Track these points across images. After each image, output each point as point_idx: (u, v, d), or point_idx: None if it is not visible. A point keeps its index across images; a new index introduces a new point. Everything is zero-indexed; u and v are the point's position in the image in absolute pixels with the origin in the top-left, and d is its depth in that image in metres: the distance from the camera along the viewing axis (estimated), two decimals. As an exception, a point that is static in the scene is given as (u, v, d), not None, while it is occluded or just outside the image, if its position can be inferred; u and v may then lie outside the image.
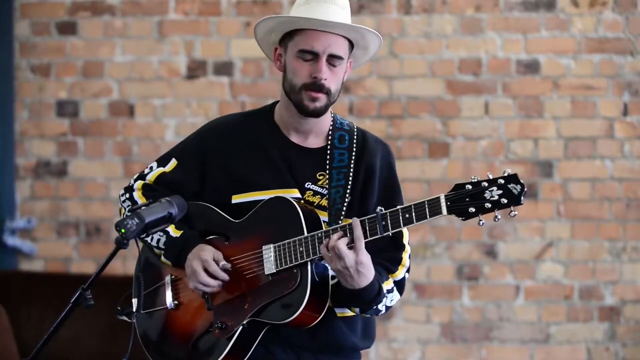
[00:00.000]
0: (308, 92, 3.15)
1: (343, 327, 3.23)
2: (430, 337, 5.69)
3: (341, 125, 3.31)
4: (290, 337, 3.18)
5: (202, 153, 3.29)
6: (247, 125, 3.31)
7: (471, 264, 5.68)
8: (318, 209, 3.19)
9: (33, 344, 3.02)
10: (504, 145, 5.68)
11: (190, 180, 3.29)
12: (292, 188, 3.21)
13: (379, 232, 3.03)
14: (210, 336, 3.17)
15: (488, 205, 2.94)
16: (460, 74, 5.70)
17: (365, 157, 3.26)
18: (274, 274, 3.12)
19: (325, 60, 3.16)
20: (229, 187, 3.23)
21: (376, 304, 3.18)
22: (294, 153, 3.25)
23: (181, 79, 5.81)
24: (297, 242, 3.09)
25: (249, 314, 3.12)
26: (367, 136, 3.33)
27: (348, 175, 3.23)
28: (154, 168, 3.35)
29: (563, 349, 5.65)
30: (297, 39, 3.18)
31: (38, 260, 5.86)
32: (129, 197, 3.34)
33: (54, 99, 5.87)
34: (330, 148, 3.26)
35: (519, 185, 2.92)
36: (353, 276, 3.05)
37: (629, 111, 5.65)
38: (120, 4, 5.83)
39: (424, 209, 3.00)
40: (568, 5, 5.66)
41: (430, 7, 5.70)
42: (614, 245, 5.64)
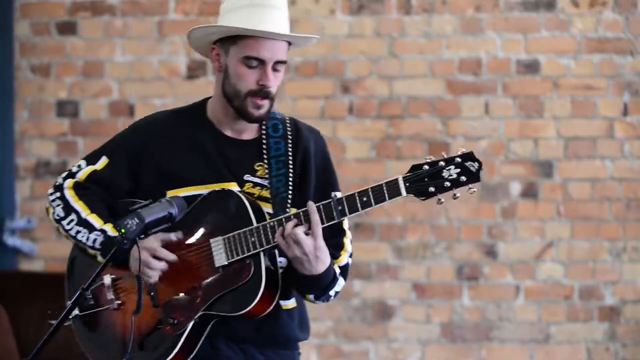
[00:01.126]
0: (254, 99, 3.13)
1: (287, 319, 3.22)
2: (430, 337, 5.69)
3: (273, 114, 3.28)
4: (237, 331, 3.16)
5: (135, 150, 3.24)
6: (180, 121, 3.28)
7: (471, 264, 5.68)
8: (259, 200, 3.17)
9: (33, 344, 3.01)
10: (504, 145, 5.68)
11: (122, 177, 3.24)
12: (230, 181, 3.18)
13: (336, 217, 3.03)
14: (159, 333, 3.13)
15: (447, 184, 2.98)
16: (460, 74, 5.70)
17: (301, 144, 3.25)
18: (224, 266, 3.10)
19: (271, 67, 3.13)
20: (164, 182, 3.18)
21: (331, 288, 3.17)
22: (229, 146, 3.21)
23: (181, 79, 5.81)
24: (248, 232, 3.07)
25: (201, 308, 3.10)
26: (300, 124, 3.31)
27: (287, 163, 3.21)
28: (82, 166, 3.28)
29: (563, 349, 5.65)
30: (241, 44, 3.14)
31: (38, 260, 5.86)
32: (60, 197, 3.28)
33: (54, 99, 5.87)
34: (265, 138, 3.23)
35: (476, 162, 2.97)
36: (311, 262, 3.05)
37: (629, 111, 5.65)
38: (120, 4, 5.83)
39: (382, 191, 3.01)
40: (568, 5, 5.66)
41: (430, 7, 5.70)
42: (614, 245, 5.64)
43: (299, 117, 5.78)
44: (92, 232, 3.20)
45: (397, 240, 5.70)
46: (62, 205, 3.28)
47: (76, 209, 3.25)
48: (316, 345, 5.69)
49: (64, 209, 3.27)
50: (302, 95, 5.74)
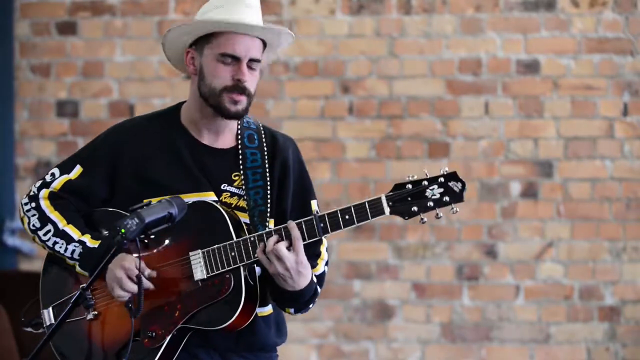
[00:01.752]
0: (230, 95, 3.12)
1: (263, 326, 3.21)
2: (430, 337, 5.69)
3: (248, 124, 3.27)
4: (215, 341, 3.15)
5: (110, 157, 3.20)
6: (155, 127, 3.25)
7: (471, 264, 5.68)
8: (236, 210, 3.16)
9: (33, 344, 3.01)
10: (504, 145, 5.68)
11: (98, 186, 3.20)
12: (207, 191, 3.16)
13: (318, 234, 3.02)
14: (137, 346, 3.09)
15: (430, 204, 2.97)
16: (460, 74, 5.70)
17: (278, 155, 3.24)
18: (204, 280, 3.08)
19: (246, 63, 3.13)
20: (140, 191, 3.15)
21: (312, 302, 3.18)
22: (205, 155, 3.19)
23: (181, 79, 5.81)
24: (228, 246, 3.06)
25: (180, 322, 3.08)
26: (275, 134, 3.30)
27: (265, 175, 3.20)
28: (56, 175, 3.23)
29: (563, 349, 5.65)
30: (215, 43, 3.13)
31: (38, 260, 5.86)
32: (35, 207, 3.22)
33: (54, 99, 5.87)
34: (241, 148, 3.22)
35: (460, 182, 2.96)
36: (293, 277, 3.04)
37: (629, 111, 5.65)
38: (120, 4, 5.83)
39: (364, 210, 2.99)
40: (568, 5, 5.66)
41: (430, 7, 5.70)
42: (614, 245, 5.64)
43: (299, 117, 5.81)
44: (70, 243, 3.17)
45: (397, 240, 5.70)
46: (37, 216, 3.22)
47: (52, 219, 3.21)
48: (316, 345, 5.69)
49: (40, 220, 3.22)
50: (302, 95, 5.74)
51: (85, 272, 3.16)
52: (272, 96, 5.74)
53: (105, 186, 3.21)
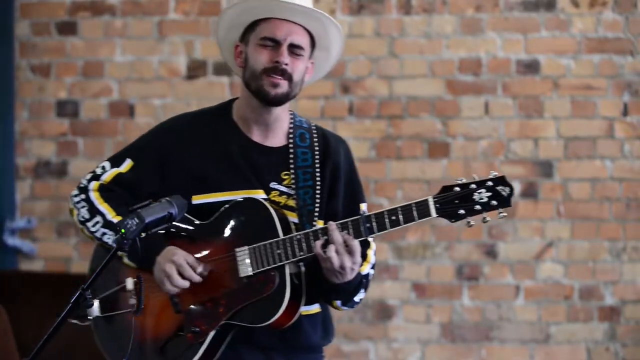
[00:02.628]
0: (269, 77, 3.12)
1: (308, 326, 3.21)
2: (430, 337, 5.69)
3: (300, 123, 3.28)
4: (260, 339, 3.16)
5: (160, 152, 3.22)
6: (206, 124, 3.26)
7: (471, 264, 5.68)
8: (284, 209, 3.16)
9: (33, 344, 3.01)
10: (504, 145, 5.68)
11: (148, 180, 3.22)
12: (256, 189, 3.17)
13: (364, 234, 3.03)
14: (180, 340, 3.12)
15: (478, 207, 2.96)
16: (460, 74, 5.70)
17: (330, 156, 3.24)
18: (249, 277, 3.09)
19: (287, 47, 3.13)
20: (189, 187, 3.17)
21: (357, 294, 3.17)
22: (255, 152, 3.20)
23: (181, 79, 5.81)
24: (275, 244, 3.06)
25: (224, 317, 3.09)
26: (327, 134, 3.31)
27: (315, 175, 3.20)
28: (107, 168, 3.27)
29: (563, 349, 5.65)
30: (258, 30, 3.16)
31: (38, 260, 5.86)
32: (84, 198, 3.25)
33: (54, 99, 5.87)
34: (292, 147, 3.23)
35: (508, 187, 2.95)
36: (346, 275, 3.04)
37: (629, 111, 5.65)
38: (120, 4, 5.83)
39: (411, 211, 3.00)
40: (568, 5, 5.66)
41: (430, 7, 5.70)
42: (614, 245, 5.64)
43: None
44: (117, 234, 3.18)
45: (397, 240, 5.70)
46: (87, 207, 3.25)
47: (101, 211, 3.23)
48: (316, 345, 5.69)
49: (89, 211, 3.24)
50: (302, 95, 5.68)
51: (132, 264, 3.19)
52: (272, 96, 5.75)
53: (155, 181, 3.22)
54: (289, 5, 3.13)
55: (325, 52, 3.27)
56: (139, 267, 3.18)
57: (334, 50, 3.27)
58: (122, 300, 3.21)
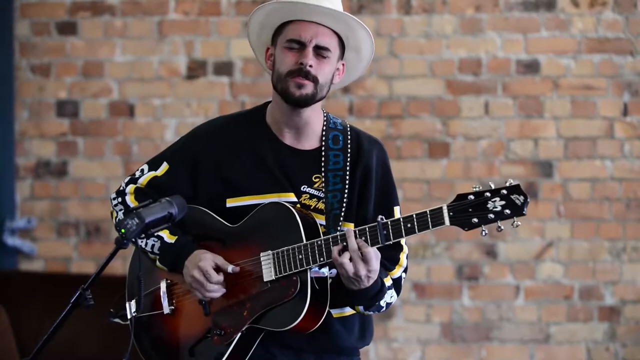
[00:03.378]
0: (294, 79, 3.12)
1: (340, 328, 3.21)
2: (430, 337, 5.69)
3: (334, 125, 3.28)
4: (290, 340, 3.17)
5: (194, 157, 3.25)
6: (239, 127, 3.27)
7: (471, 264, 5.68)
8: (315, 212, 3.17)
9: (33, 344, 3.01)
10: (504, 145, 5.68)
11: (182, 184, 3.24)
12: (288, 192, 3.18)
13: (380, 241, 3.01)
14: (208, 342, 3.15)
15: (491, 216, 2.94)
16: (460, 74, 5.70)
17: (362, 159, 3.23)
18: (272, 281, 3.10)
19: (312, 49, 3.13)
20: (223, 191, 3.19)
21: (379, 300, 3.15)
22: (287, 155, 3.21)
23: (181, 79, 5.81)
24: (297, 249, 3.07)
25: (248, 321, 3.11)
26: (361, 136, 3.30)
27: (345, 179, 3.20)
28: (145, 171, 3.30)
29: (563, 349, 5.65)
30: (285, 32, 3.16)
31: (38, 260, 5.86)
32: (121, 202, 3.30)
33: (54, 99, 5.87)
34: (324, 150, 3.23)
35: (522, 195, 2.92)
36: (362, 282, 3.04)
37: (629, 111, 5.65)
38: (120, 4, 5.83)
39: (426, 218, 2.98)
40: (568, 5, 5.66)
41: (430, 7, 5.70)
42: (614, 245, 5.64)
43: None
44: (149, 237, 3.20)
45: (397, 240, 5.70)
46: (123, 210, 3.28)
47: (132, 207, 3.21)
48: (316, 345, 5.69)
49: (125, 214, 3.24)
50: (302, 95, 5.74)
51: (164, 267, 3.23)
52: (272, 96, 5.74)
53: (188, 184, 3.24)
54: (314, 8, 3.13)
55: (355, 53, 3.26)
56: (170, 270, 3.22)
57: (365, 51, 3.27)
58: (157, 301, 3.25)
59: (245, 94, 5.77)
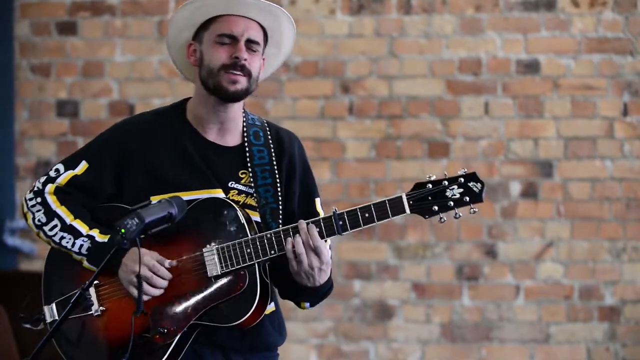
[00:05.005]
0: (228, 74, 3.12)
1: (268, 324, 3.22)
2: (430, 337, 5.69)
3: (252, 121, 3.28)
4: (221, 339, 3.15)
5: (117, 153, 3.20)
6: (161, 124, 3.25)
7: (471, 264, 5.68)
8: (244, 207, 3.16)
9: (33, 344, 3.01)
10: (504, 145, 5.68)
11: (104, 182, 3.20)
12: (215, 188, 3.16)
13: (337, 232, 3.03)
14: (145, 342, 3.09)
15: (450, 204, 3.00)
16: (460, 74, 5.70)
17: (285, 153, 3.25)
18: (217, 276, 3.08)
19: (244, 43, 3.13)
20: (148, 187, 3.15)
21: (327, 295, 3.19)
22: (211, 152, 3.20)
23: (181, 79, 5.80)
24: (244, 243, 3.06)
25: (192, 318, 3.07)
26: (280, 131, 3.31)
27: (274, 173, 3.20)
28: (61, 171, 3.23)
29: (563, 349, 5.65)
30: (213, 27, 3.15)
31: (38, 260, 5.86)
32: (40, 202, 3.21)
33: (54, 99, 5.87)
34: (247, 145, 3.22)
35: (479, 183, 2.99)
36: (315, 276, 3.05)
37: (629, 111, 5.65)
38: (120, 4, 5.83)
39: (385, 208, 3.01)
40: (568, 5, 5.66)
41: (430, 7, 5.70)
42: (614, 245, 5.64)
43: (299, 117, 5.81)
44: (77, 237, 3.16)
45: (397, 240, 5.70)
46: (43, 211, 3.21)
47: (59, 214, 3.20)
48: (316, 345, 5.69)
49: (46, 214, 3.21)
50: (302, 95, 5.74)
51: (94, 267, 3.15)
52: (272, 96, 5.74)
53: (112, 182, 3.20)
54: (244, 1, 3.13)
55: (276, 49, 3.28)
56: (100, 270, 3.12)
57: (286, 46, 3.29)
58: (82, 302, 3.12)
59: (245, 94, 5.77)
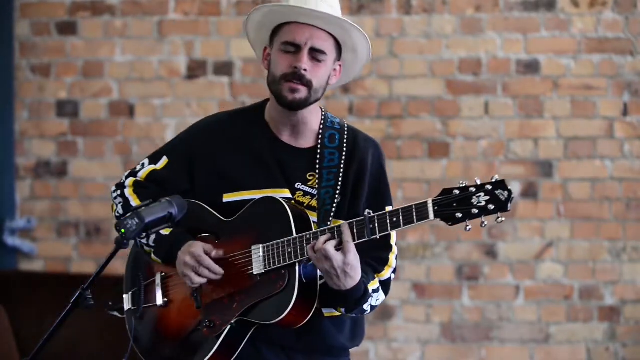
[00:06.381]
0: (288, 83, 3.14)
1: (331, 327, 3.22)
2: (430, 337, 5.69)
3: (332, 124, 3.30)
4: (279, 338, 3.18)
5: (192, 152, 3.28)
6: (238, 124, 3.30)
7: (471, 264, 5.68)
8: (308, 209, 3.19)
9: (33, 344, 3.02)
10: (504, 145, 5.68)
11: (180, 178, 3.27)
12: (282, 188, 3.20)
13: (367, 235, 3.02)
14: (199, 334, 3.17)
15: (475, 211, 2.98)
16: (460, 74, 5.70)
17: (356, 157, 3.25)
18: (262, 274, 3.12)
19: (307, 52, 3.14)
20: (220, 186, 3.22)
21: (362, 304, 3.17)
22: (284, 153, 3.24)
23: (181, 79, 5.81)
24: (286, 243, 3.09)
25: (237, 314, 3.12)
26: (358, 135, 3.32)
27: (338, 176, 3.21)
28: (145, 165, 3.33)
29: (563, 349, 5.65)
30: (281, 33, 3.18)
31: (38, 260, 5.86)
32: (120, 194, 3.32)
33: (54, 99, 5.87)
34: (320, 148, 3.25)
35: (507, 191, 2.95)
36: (340, 277, 3.04)
37: (629, 111, 5.65)
38: (120, 4, 5.83)
39: (411, 213, 3.00)
40: (568, 5, 5.66)
41: (430, 7, 5.70)
42: (614, 245, 5.64)
43: (299, 117, 5.80)
44: None
45: (397, 240, 5.69)
46: (122, 203, 3.31)
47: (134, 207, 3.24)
48: (316, 345, 5.69)
49: (124, 207, 3.30)
50: (302, 95, 5.73)
51: (159, 260, 3.25)
52: (272, 96, 5.75)
53: (187, 178, 3.27)
54: (308, 12, 3.14)
55: (352, 54, 3.27)
56: (164, 262, 3.24)
57: (361, 51, 3.27)
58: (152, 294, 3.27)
59: (245, 94, 5.77)
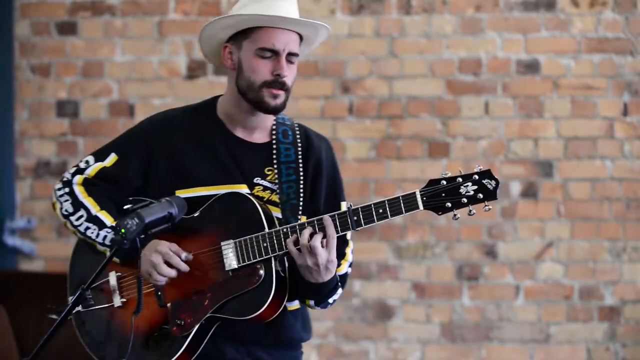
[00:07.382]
0: (270, 90, 3.15)
1: (292, 319, 3.24)
2: (430, 337, 5.69)
3: (282, 120, 3.31)
4: (243, 333, 3.18)
5: (145, 148, 3.25)
6: (191, 119, 3.29)
7: (471, 264, 5.68)
8: (268, 204, 3.19)
9: (33, 344, 3.02)
10: (504, 145, 5.68)
11: (132, 175, 3.25)
12: (240, 183, 3.20)
13: (351, 227, 3.05)
14: (165, 334, 3.15)
15: (464, 201, 3.00)
16: (460, 74, 5.70)
17: (312, 153, 3.27)
18: (234, 270, 3.11)
19: (284, 57, 3.16)
20: (174, 181, 3.20)
21: (332, 295, 3.20)
22: (239, 148, 3.23)
23: (181, 79, 5.81)
24: (260, 237, 3.09)
25: (209, 310, 3.11)
26: (309, 132, 3.34)
27: (298, 170, 3.23)
28: (90, 162, 3.29)
29: (563, 349, 5.65)
30: (254, 37, 3.16)
31: (38, 260, 5.86)
32: (68, 192, 3.28)
33: (54, 99, 5.87)
34: (275, 143, 3.26)
35: (494, 180, 2.99)
36: (320, 272, 3.07)
37: (629, 111, 5.65)
38: (120, 4, 5.83)
39: (398, 204, 3.02)
40: (568, 5, 5.66)
41: (430, 7, 5.70)
42: (614, 245, 5.64)
43: (299, 117, 5.80)
44: (102, 229, 3.21)
45: (397, 240, 5.70)
46: (70, 201, 3.27)
47: (86, 205, 3.25)
48: (316, 345, 5.69)
49: (73, 205, 3.27)
50: (302, 95, 5.74)
51: (117, 259, 3.20)
52: (272, 96, 5.75)
53: (139, 175, 3.25)
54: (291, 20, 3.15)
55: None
56: (122, 262, 3.19)
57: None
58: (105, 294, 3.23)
59: (245, 94, 5.77)
